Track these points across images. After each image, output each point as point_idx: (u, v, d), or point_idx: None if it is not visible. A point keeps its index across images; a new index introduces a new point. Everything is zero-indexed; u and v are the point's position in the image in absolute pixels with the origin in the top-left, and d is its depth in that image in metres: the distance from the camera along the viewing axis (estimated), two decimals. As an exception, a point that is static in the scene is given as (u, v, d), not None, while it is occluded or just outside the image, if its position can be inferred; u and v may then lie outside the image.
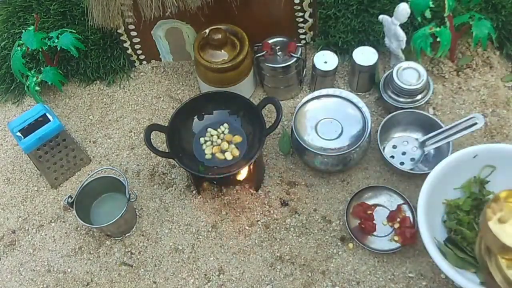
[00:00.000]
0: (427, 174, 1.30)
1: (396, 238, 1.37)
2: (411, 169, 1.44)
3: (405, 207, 1.40)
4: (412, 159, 1.47)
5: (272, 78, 1.57)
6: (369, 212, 1.40)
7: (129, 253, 1.44)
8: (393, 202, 1.42)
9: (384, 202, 1.43)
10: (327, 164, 1.43)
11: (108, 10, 1.44)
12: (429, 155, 1.47)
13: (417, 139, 1.48)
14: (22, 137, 1.41)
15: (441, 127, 1.44)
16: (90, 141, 1.63)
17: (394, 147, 1.50)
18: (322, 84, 1.57)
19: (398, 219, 1.39)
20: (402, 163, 1.46)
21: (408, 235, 1.35)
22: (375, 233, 1.39)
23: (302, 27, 1.62)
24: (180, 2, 1.40)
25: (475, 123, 1.38)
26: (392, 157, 1.48)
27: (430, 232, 1.23)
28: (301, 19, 1.59)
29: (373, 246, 1.37)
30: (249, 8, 1.51)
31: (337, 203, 1.46)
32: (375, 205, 1.42)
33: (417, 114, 1.48)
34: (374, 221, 1.39)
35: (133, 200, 1.41)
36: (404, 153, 1.48)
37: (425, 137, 1.46)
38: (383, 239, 1.38)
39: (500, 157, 1.32)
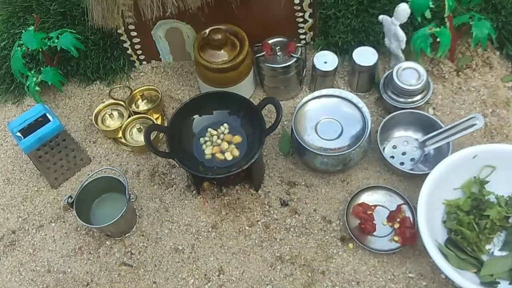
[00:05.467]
0: (427, 174, 1.30)
1: (396, 238, 1.37)
2: (411, 169, 1.44)
3: (405, 207, 1.40)
4: (412, 159, 1.47)
5: (272, 78, 1.57)
6: (369, 212, 1.41)
7: (129, 253, 1.44)
8: (393, 202, 1.42)
9: (384, 202, 1.43)
10: (327, 164, 1.43)
11: (108, 10, 1.44)
12: (429, 155, 1.47)
13: (417, 139, 1.48)
14: (22, 137, 1.41)
15: (441, 127, 1.44)
16: (90, 141, 1.63)
17: (394, 147, 1.50)
18: (322, 84, 1.57)
19: (398, 219, 1.39)
20: (402, 163, 1.46)
21: (408, 235, 1.35)
22: (375, 233, 1.39)
23: (302, 27, 1.62)
24: (180, 2, 1.40)
25: (475, 123, 1.38)
26: (392, 157, 1.48)
27: (430, 232, 1.23)
28: (301, 19, 1.59)
29: (373, 246, 1.37)
30: (249, 8, 1.51)
31: (337, 203, 1.46)
32: (375, 205, 1.42)
33: (417, 114, 1.48)
34: (374, 221, 1.39)
35: (133, 200, 1.41)
36: (404, 153, 1.48)
37: (425, 137, 1.46)
38: (383, 239, 1.38)
39: (500, 157, 1.33)
